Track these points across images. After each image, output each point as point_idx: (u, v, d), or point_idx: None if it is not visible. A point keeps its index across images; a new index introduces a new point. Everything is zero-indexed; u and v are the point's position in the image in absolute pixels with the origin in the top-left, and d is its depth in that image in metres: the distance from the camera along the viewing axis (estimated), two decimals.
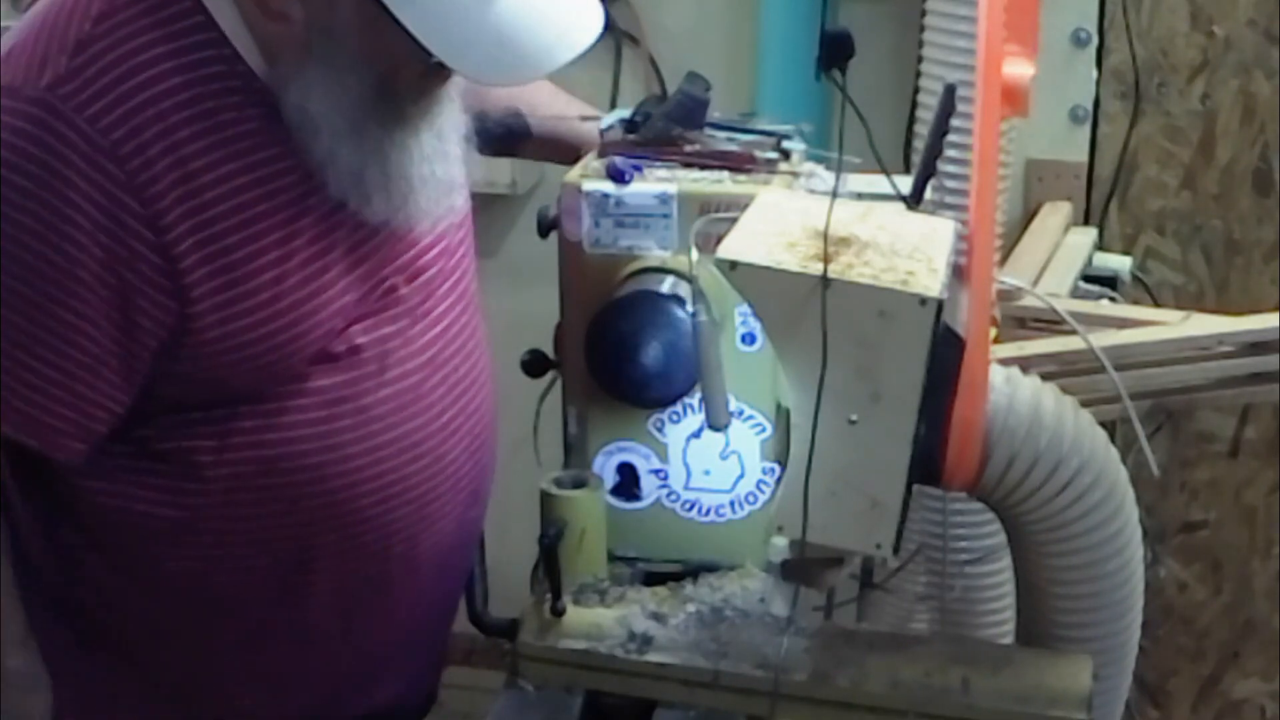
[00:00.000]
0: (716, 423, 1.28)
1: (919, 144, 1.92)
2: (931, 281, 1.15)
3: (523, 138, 1.65)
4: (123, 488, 1.31)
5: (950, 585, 1.69)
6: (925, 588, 1.78)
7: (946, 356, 1.18)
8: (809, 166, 1.42)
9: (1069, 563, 1.28)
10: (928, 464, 1.23)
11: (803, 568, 1.35)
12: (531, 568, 1.38)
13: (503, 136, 1.62)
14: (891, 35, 2.22)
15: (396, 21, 1.16)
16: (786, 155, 1.43)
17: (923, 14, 1.88)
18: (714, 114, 1.45)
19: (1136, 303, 2.07)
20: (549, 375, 1.44)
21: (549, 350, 1.43)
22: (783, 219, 1.24)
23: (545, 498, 1.33)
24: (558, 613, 1.31)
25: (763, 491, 1.38)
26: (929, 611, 1.79)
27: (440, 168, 1.32)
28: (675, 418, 1.37)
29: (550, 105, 1.65)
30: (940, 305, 1.13)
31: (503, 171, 2.39)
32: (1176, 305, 2.18)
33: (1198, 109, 2.26)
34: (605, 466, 1.39)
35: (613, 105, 2.33)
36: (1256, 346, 1.63)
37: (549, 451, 1.50)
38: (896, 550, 1.23)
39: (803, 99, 1.82)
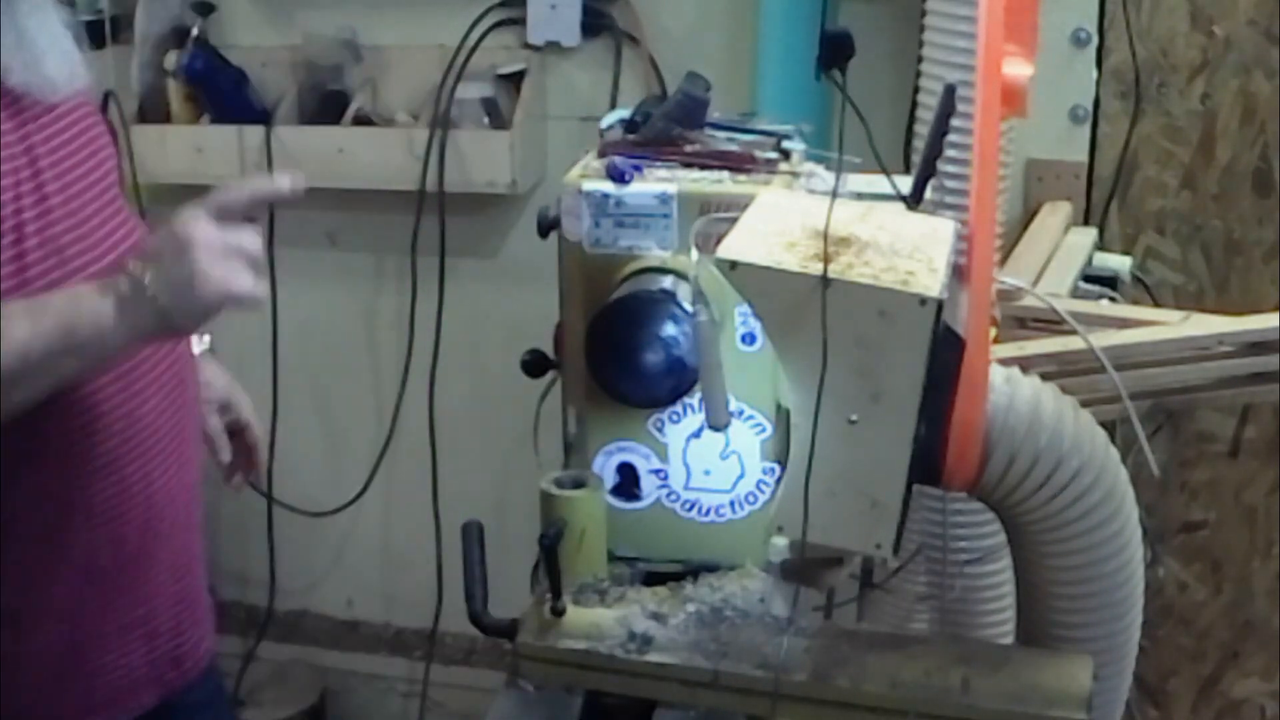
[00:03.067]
0: (716, 423, 1.28)
1: (919, 144, 1.92)
2: (931, 281, 1.14)
3: None
4: None
5: (950, 585, 1.69)
6: (925, 588, 1.78)
7: (946, 356, 1.18)
8: (809, 166, 1.42)
9: (1069, 563, 1.28)
10: (928, 464, 1.23)
11: (803, 568, 1.35)
12: (531, 568, 1.38)
13: None
14: (891, 35, 2.22)
15: None
16: (786, 155, 1.43)
17: (923, 14, 1.88)
18: (714, 114, 1.45)
19: (1136, 303, 2.07)
20: (549, 375, 1.44)
21: (549, 350, 1.43)
22: (783, 219, 1.24)
23: (545, 498, 1.33)
24: (558, 613, 1.31)
25: (763, 491, 1.38)
26: (929, 611, 1.79)
27: (62, 40, 1.42)
28: (675, 418, 1.37)
29: None
30: (940, 305, 1.13)
31: (503, 171, 2.40)
32: (1176, 305, 2.18)
33: (1198, 109, 2.26)
34: (605, 466, 1.39)
35: (613, 105, 2.33)
36: (1256, 346, 1.63)
37: (549, 451, 1.50)
38: (896, 550, 1.23)
39: (803, 99, 1.82)
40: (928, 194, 1.32)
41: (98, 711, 1.56)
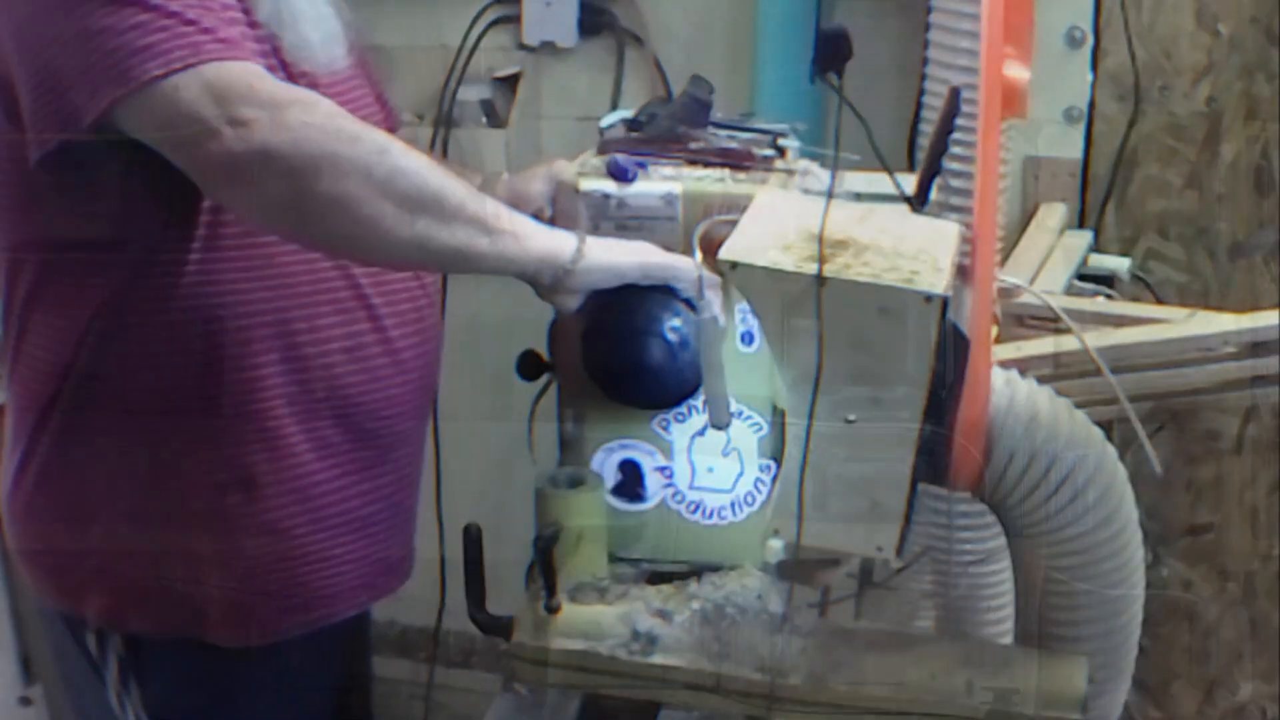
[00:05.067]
0: (719, 422, 1.27)
1: (923, 143, 1.91)
2: (936, 279, 1.13)
3: None
4: None
5: (954, 585, 1.69)
6: (930, 586, 1.78)
7: (953, 355, 1.18)
8: (803, 163, 1.42)
9: (1064, 562, 1.28)
10: (933, 464, 1.22)
11: (797, 568, 1.34)
12: (527, 568, 1.37)
13: None
14: (893, 34, 2.21)
15: None
16: (782, 152, 1.43)
17: (926, 13, 1.87)
18: (714, 114, 1.44)
19: (1137, 300, 2.07)
20: (544, 377, 1.43)
21: (542, 350, 1.42)
22: (779, 221, 1.24)
23: (541, 497, 1.32)
24: (551, 609, 1.29)
25: (760, 492, 1.37)
26: (930, 610, 1.79)
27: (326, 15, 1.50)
28: (680, 418, 1.36)
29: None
30: (945, 302, 1.12)
31: (499, 170, 2.39)
32: (1177, 305, 2.17)
33: (1202, 110, 2.25)
34: (605, 464, 1.38)
35: (614, 106, 2.32)
36: (1259, 347, 1.63)
37: (547, 452, 1.49)
38: (901, 552, 1.22)
39: (801, 99, 1.82)
40: (932, 195, 1.31)
41: (321, 606, 1.57)
